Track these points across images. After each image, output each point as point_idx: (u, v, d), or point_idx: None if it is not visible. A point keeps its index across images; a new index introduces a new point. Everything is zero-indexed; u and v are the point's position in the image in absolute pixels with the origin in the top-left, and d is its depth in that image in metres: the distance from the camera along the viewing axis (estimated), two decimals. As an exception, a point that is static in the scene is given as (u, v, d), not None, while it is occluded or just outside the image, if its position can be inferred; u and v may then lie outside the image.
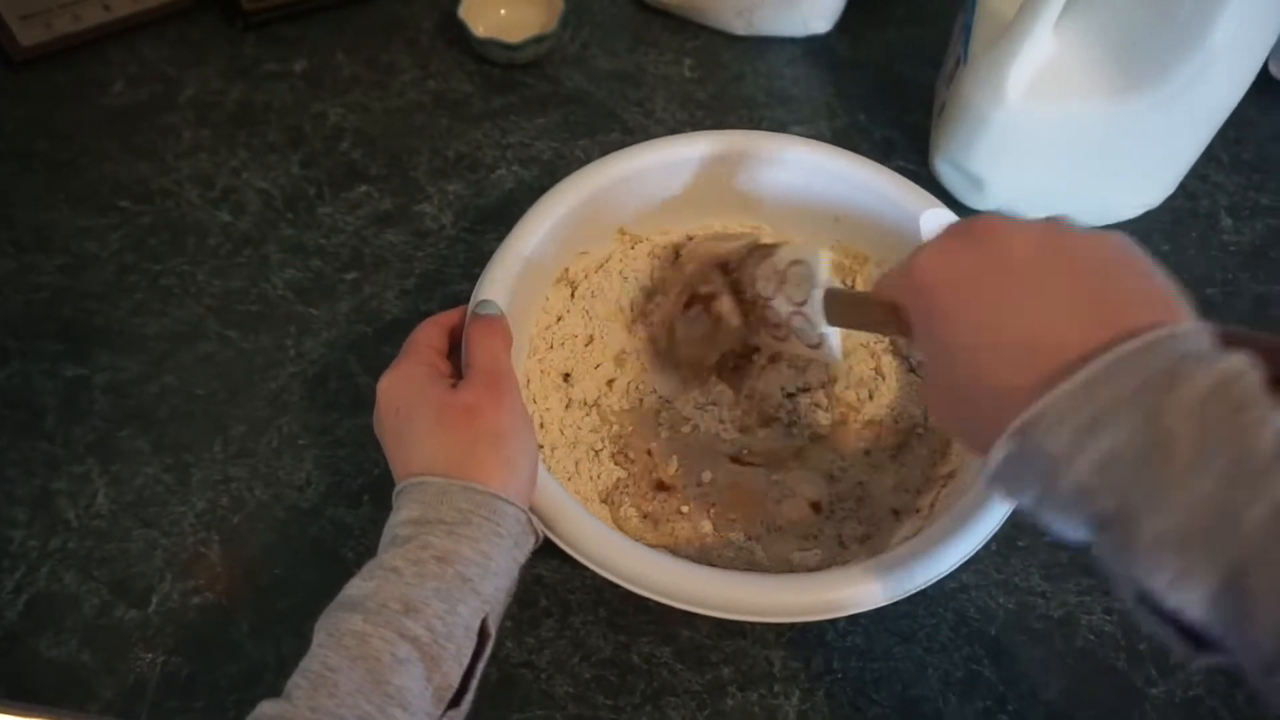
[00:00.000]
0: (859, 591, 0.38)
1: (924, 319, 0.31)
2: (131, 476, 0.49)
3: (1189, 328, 0.26)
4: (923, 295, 0.31)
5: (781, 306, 0.43)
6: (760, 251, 0.45)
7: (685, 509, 0.46)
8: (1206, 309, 0.57)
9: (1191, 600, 0.23)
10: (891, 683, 0.45)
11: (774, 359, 0.49)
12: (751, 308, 0.45)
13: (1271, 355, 0.26)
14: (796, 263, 0.43)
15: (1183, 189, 0.61)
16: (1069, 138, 0.53)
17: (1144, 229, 0.61)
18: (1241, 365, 0.25)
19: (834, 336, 0.42)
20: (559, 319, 0.50)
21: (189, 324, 0.55)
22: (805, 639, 0.45)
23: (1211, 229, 0.62)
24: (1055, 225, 0.30)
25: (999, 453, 0.27)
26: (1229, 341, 0.26)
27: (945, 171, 0.60)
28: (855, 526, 0.45)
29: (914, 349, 0.50)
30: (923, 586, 0.38)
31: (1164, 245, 0.60)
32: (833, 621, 0.46)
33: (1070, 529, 0.27)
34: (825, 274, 0.41)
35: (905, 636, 0.46)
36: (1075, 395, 0.25)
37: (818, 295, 0.41)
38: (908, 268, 0.32)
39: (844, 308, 0.41)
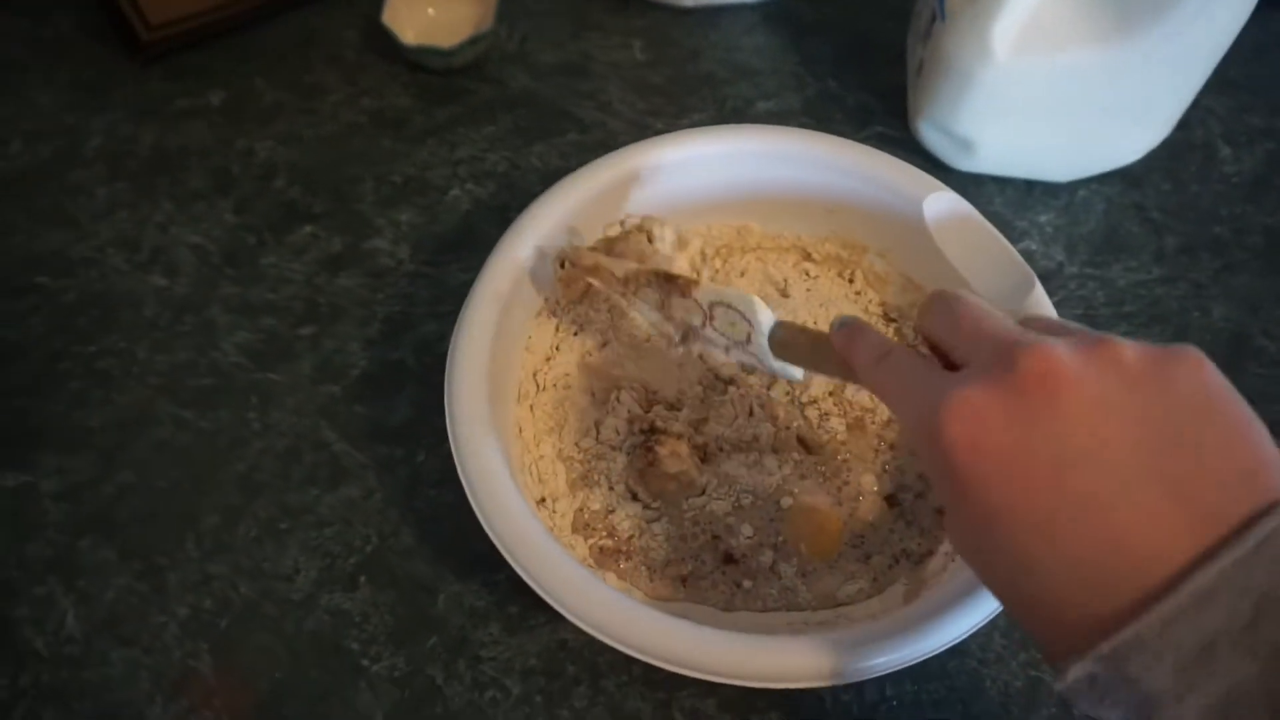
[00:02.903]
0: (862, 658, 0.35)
1: (973, 509, 0.24)
2: (101, 591, 0.45)
3: None
4: (964, 480, 0.24)
5: (715, 337, 0.37)
6: (670, 286, 0.38)
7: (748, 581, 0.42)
8: (1217, 247, 0.55)
9: None
10: (951, 702, 0.42)
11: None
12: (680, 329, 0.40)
13: None
14: (720, 305, 0.36)
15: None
16: (1063, 90, 0.49)
17: (1141, 169, 0.58)
18: None
19: (790, 366, 0.36)
20: (548, 358, 0.46)
21: (137, 409, 0.49)
22: (856, 672, 0.43)
23: (1210, 160, 0.59)
24: (1111, 365, 0.23)
25: (1077, 671, 0.22)
26: None
27: (929, 134, 0.56)
28: (916, 539, 0.42)
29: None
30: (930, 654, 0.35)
31: (1164, 185, 0.57)
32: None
33: None
34: (767, 319, 0.35)
35: (956, 650, 0.43)
36: (1178, 622, 0.21)
37: (763, 343, 0.35)
38: (934, 430, 0.24)
39: (803, 352, 0.34)
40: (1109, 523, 0.22)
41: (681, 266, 0.46)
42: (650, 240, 0.43)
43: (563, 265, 0.43)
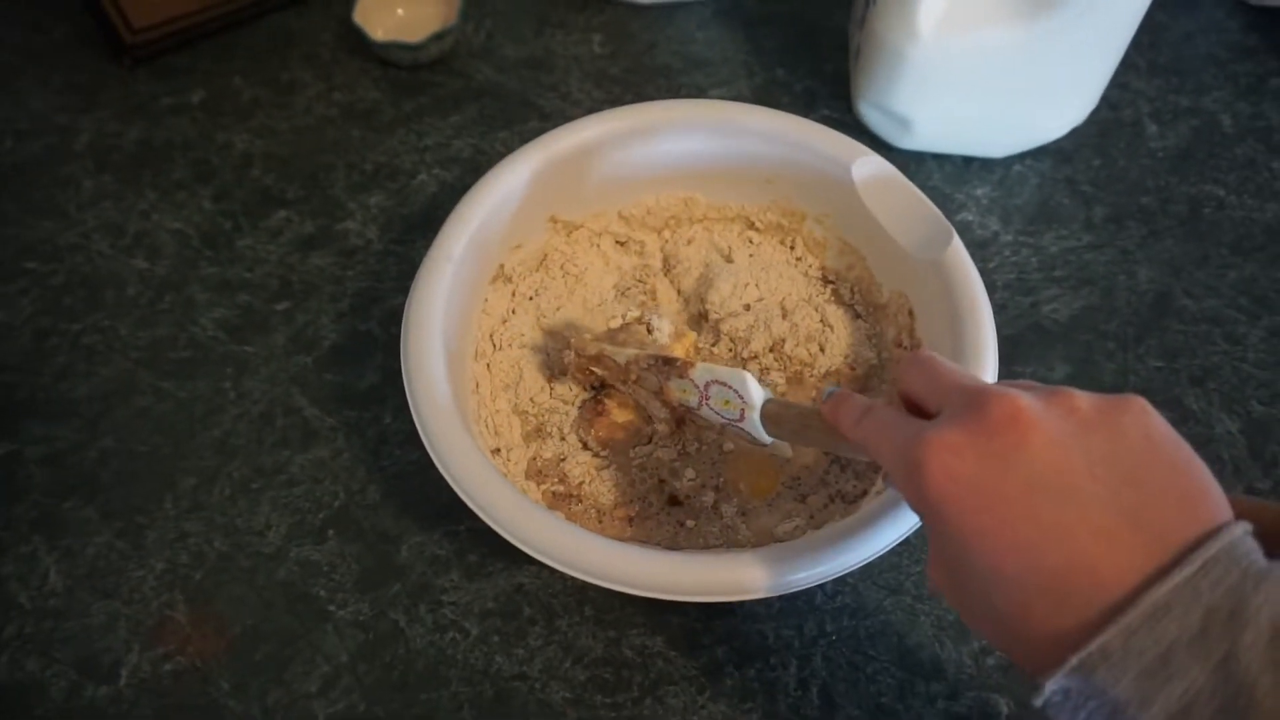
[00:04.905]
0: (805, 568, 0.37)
1: (951, 536, 0.27)
2: (82, 548, 0.47)
3: (1230, 533, 0.24)
4: (942, 507, 0.27)
5: (711, 416, 0.41)
6: (669, 368, 0.41)
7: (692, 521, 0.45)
8: (1144, 216, 0.58)
9: None
10: (886, 636, 0.45)
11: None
12: (674, 410, 0.43)
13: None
14: (715, 383, 0.39)
15: (1105, 100, 0.61)
16: (987, 66, 0.53)
17: (1072, 145, 0.61)
18: None
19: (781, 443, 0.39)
20: (504, 321, 0.49)
21: (119, 381, 0.52)
22: (795, 607, 0.45)
23: (1138, 137, 0.62)
24: (1069, 411, 0.26)
25: (1053, 686, 0.24)
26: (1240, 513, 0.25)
27: (869, 115, 0.60)
28: (851, 482, 0.45)
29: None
30: (859, 565, 0.37)
31: (1094, 160, 0.61)
32: (820, 585, 0.45)
33: None
34: (758, 395, 0.38)
35: (893, 589, 0.46)
36: (1137, 634, 0.23)
37: (756, 420, 0.38)
38: (915, 465, 0.27)
39: (792, 426, 0.37)
40: (1075, 544, 0.25)
41: (678, 355, 0.49)
42: (649, 331, 0.47)
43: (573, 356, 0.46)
